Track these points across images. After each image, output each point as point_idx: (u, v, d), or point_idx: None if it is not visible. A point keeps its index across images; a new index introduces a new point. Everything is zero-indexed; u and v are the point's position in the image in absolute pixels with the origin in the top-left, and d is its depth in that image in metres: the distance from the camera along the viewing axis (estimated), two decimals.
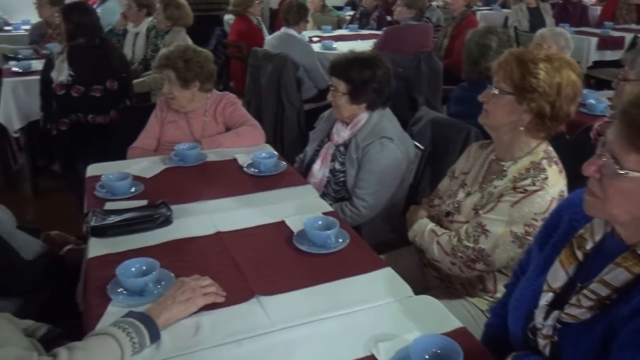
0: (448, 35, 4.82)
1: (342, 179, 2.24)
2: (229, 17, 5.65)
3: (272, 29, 6.10)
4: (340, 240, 1.66)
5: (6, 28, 5.89)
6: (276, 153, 2.29)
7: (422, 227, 1.81)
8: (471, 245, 1.62)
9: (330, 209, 1.92)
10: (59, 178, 4.03)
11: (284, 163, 2.24)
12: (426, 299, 1.45)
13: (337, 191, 2.27)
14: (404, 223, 1.99)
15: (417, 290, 1.50)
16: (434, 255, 1.72)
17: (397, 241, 2.16)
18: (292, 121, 4.11)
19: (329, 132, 2.36)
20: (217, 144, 2.44)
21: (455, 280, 1.78)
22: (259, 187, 2.07)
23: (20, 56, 4.23)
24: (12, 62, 4.05)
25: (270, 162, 2.19)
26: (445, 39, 4.84)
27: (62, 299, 1.83)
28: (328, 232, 1.62)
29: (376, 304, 1.41)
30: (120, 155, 2.64)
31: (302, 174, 2.31)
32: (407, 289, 1.47)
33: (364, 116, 2.23)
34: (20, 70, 3.84)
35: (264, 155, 2.23)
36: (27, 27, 5.67)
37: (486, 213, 1.62)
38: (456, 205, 1.78)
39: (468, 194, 1.77)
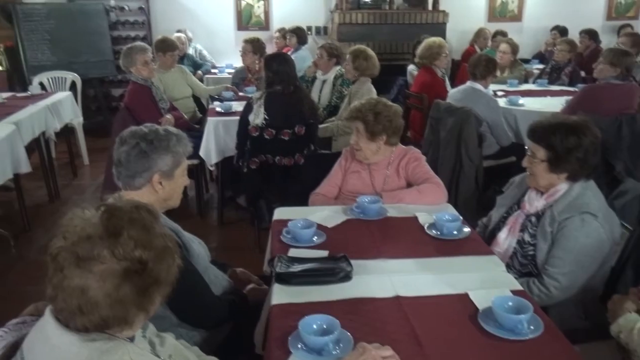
0: None
1: (531, 253, 2.06)
2: (412, 68, 5.71)
3: (452, 80, 6.02)
4: (533, 327, 1.49)
5: (213, 71, 6.65)
6: (460, 217, 2.18)
7: (631, 323, 1.57)
8: None
9: (519, 287, 1.76)
10: (242, 210, 4.35)
11: (468, 228, 2.13)
12: None
13: (523, 265, 2.09)
14: (601, 311, 1.75)
15: None
16: None
17: (591, 331, 1.91)
18: (469, 177, 3.96)
19: (519, 199, 2.20)
20: (398, 199, 2.41)
21: None
22: (441, 252, 1.98)
23: (222, 97, 4.71)
24: (216, 103, 4.52)
25: (454, 226, 2.09)
26: None
27: (240, 336, 1.92)
28: (520, 316, 1.47)
29: None
30: (301, 196, 2.74)
31: (485, 241, 2.17)
32: None
33: (563, 187, 2.03)
34: (222, 111, 4.25)
35: (447, 217, 2.14)
36: (231, 70, 6.35)
37: None
38: None
39: None
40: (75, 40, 6.44)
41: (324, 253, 1.95)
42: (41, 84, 5.66)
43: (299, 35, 6.45)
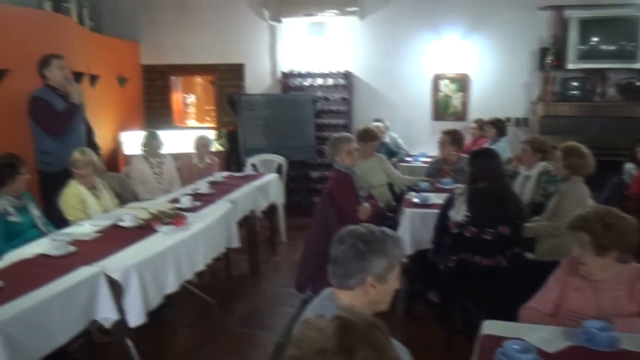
0: None
1: None
2: (630, 167, 5.13)
3: None
4: None
5: (407, 159, 6.73)
6: None
7: None
8: None
9: None
10: (431, 306, 4.16)
11: None
12: None
13: None
14: None
15: None
16: None
17: None
18: None
19: None
20: (634, 329, 2.05)
21: None
22: None
23: (419, 188, 4.69)
24: (412, 193, 4.51)
25: None
26: None
27: None
28: None
29: None
30: (500, 301, 2.50)
31: None
32: None
33: None
34: (419, 202, 4.22)
35: None
36: (424, 159, 6.38)
37: None
38: None
39: None
40: (284, 127, 7.11)
41: None
42: (253, 165, 6.29)
43: (499, 126, 6.29)
